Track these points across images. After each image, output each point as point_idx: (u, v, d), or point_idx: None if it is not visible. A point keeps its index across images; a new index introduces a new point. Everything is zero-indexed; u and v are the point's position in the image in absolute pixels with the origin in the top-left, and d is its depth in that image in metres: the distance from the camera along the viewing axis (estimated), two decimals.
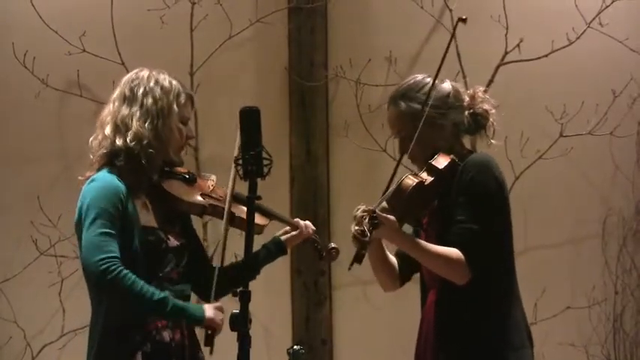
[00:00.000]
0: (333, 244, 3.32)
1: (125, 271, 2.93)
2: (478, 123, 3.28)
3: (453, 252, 3.07)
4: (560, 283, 5.18)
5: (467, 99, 3.29)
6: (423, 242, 3.12)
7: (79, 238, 3.05)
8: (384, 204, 3.08)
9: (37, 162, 5.17)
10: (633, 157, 5.23)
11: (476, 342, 3.12)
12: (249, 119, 2.77)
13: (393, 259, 3.37)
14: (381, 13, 5.29)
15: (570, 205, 5.23)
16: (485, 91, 3.36)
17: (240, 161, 2.77)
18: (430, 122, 3.18)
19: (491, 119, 3.30)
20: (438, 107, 3.21)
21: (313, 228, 3.46)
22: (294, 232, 3.42)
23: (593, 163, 5.23)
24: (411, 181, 3.09)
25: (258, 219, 3.25)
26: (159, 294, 2.98)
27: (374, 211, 2.99)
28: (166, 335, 3.08)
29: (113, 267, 2.92)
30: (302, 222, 3.44)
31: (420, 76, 3.31)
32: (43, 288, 5.06)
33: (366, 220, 2.97)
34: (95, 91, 5.11)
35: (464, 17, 3.27)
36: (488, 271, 3.10)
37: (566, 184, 5.23)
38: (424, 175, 3.14)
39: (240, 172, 2.78)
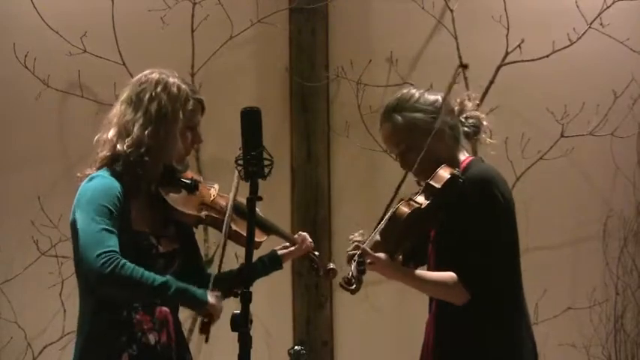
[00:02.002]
0: (331, 265, 3.25)
1: (123, 261, 2.91)
2: (472, 128, 3.27)
3: (449, 276, 3.06)
4: (561, 283, 5.18)
5: (456, 107, 3.28)
6: (417, 272, 3.10)
7: (74, 238, 3.04)
8: (377, 237, 3.04)
9: (38, 162, 5.17)
10: (634, 158, 5.23)
11: (474, 354, 3.11)
12: (250, 120, 2.77)
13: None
14: (382, 13, 5.29)
15: (571, 205, 5.24)
16: (476, 97, 3.35)
17: (241, 162, 2.77)
18: (428, 129, 3.14)
19: (485, 123, 3.28)
20: (430, 112, 3.18)
21: (312, 246, 3.43)
22: (291, 248, 3.41)
23: (594, 164, 5.23)
24: (405, 209, 3.04)
25: (256, 235, 3.23)
26: (160, 278, 2.96)
27: (361, 254, 2.96)
28: (152, 338, 3.07)
29: (111, 259, 2.89)
30: (302, 237, 3.42)
31: (405, 90, 3.27)
32: (44, 288, 5.06)
33: (354, 264, 2.94)
34: (96, 92, 5.11)
35: (466, 64, 3.23)
36: (489, 288, 3.08)
37: (567, 185, 5.23)
38: (420, 198, 3.08)
39: (242, 173, 2.78)
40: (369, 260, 2.97)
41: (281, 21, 5.23)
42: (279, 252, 3.40)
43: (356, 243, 3.04)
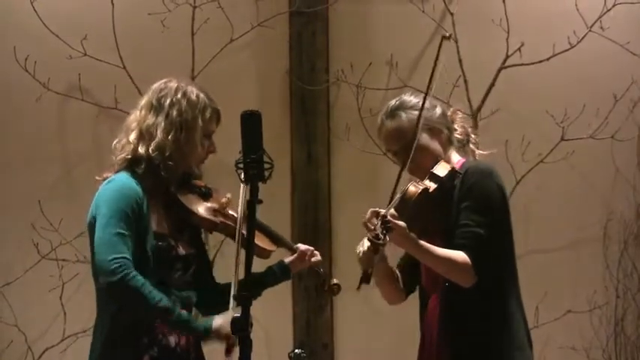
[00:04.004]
0: (335, 280, 3.34)
1: (134, 273, 2.93)
2: (463, 136, 3.38)
3: (459, 255, 3.11)
4: (561, 286, 5.18)
5: (449, 115, 3.39)
6: (430, 246, 3.15)
7: (92, 238, 3.06)
8: (392, 210, 3.09)
9: (38, 165, 5.17)
10: (634, 161, 5.23)
11: (481, 343, 3.16)
12: (251, 123, 2.78)
13: (397, 274, 3.42)
14: (382, 17, 5.29)
15: (571, 208, 5.23)
16: (459, 110, 3.44)
17: (241, 165, 2.77)
18: (430, 126, 3.25)
19: (472, 136, 3.40)
20: (431, 110, 3.28)
21: (319, 259, 3.42)
22: (299, 259, 3.40)
23: (594, 167, 5.23)
24: (415, 188, 3.14)
25: (265, 244, 3.26)
26: (165, 301, 2.99)
27: (385, 215, 3.02)
28: (172, 340, 3.09)
29: (123, 267, 2.92)
30: (308, 250, 3.41)
31: (405, 95, 3.37)
32: (44, 292, 5.06)
33: (379, 224, 3.00)
34: (96, 95, 5.11)
35: (449, 35, 3.31)
36: (492, 274, 3.14)
37: (568, 188, 5.23)
38: (427, 182, 3.18)
39: (242, 176, 2.78)
40: (390, 224, 3.01)
41: (281, 24, 5.23)
42: (287, 262, 3.40)
43: (375, 210, 3.08)
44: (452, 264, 3.12)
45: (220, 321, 3.04)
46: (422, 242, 3.16)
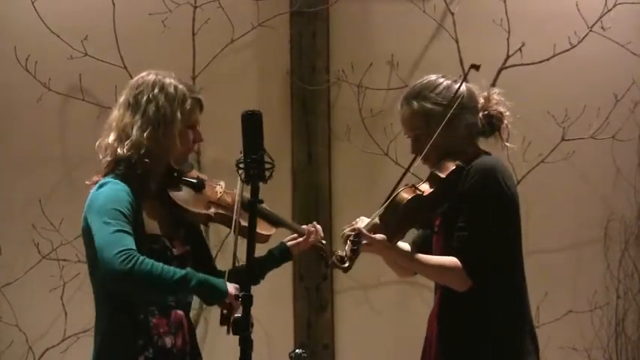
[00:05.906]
0: (339, 252, 3.33)
1: (142, 257, 2.91)
2: (492, 125, 3.26)
3: (450, 261, 3.07)
4: (562, 287, 5.18)
5: (481, 100, 3.28)
6: (419, 255, 3.12)
7: (87, 245, 3.05)
8: (376, 220, 3.05)
9: (39, 166, 5.17)
10: (635, 161, 5.23)
11: (477, 347, 3.12)
12: (251, 123, 2.78)
13: (407, 248, 3.32)
14: (383, 17, 5.29)
15: (572, 209, 5.24)
16: (500, 95, 3.34)
17: (242, 165, 2.77)
18: (442, 121, 3.15)
19: (505, 121, 3.28)
20: (447, 107, 3.18)
21: (321, 235, 3.41)
22: (300, 239, 3.39)
23: (595, 167, 5.23)
24: (406, 194, 3.07)
25: (264, 229, 3.25)
26: (180, 272, 2.96)
27: (357, 234, 2.97)
28: (168, 341, 3.09)
29: (129, 256, 2.89)
30: (310, 228, 3.40)
31: (434, 76, 3.28)
32: (44, 292, 5.06)
33: (349, 242, 2.96)
34: (97, 95, 5.11)
35: (477, 65, 3.22)
36: (491, 278, 3.09)
37: (568, 188, 5.23)
38: (424, 186, 3.12)
39: (242, 176, 2.78)
40: (365, 241, 2.97)
41: (282, 24, 5.23)
42: (288, 243, 3.40)
43: (353, 225, 3.05)
44: (443, 271, 3.08)
45: (233, 288, 3.01)
46: (409, 252, 3.13)
